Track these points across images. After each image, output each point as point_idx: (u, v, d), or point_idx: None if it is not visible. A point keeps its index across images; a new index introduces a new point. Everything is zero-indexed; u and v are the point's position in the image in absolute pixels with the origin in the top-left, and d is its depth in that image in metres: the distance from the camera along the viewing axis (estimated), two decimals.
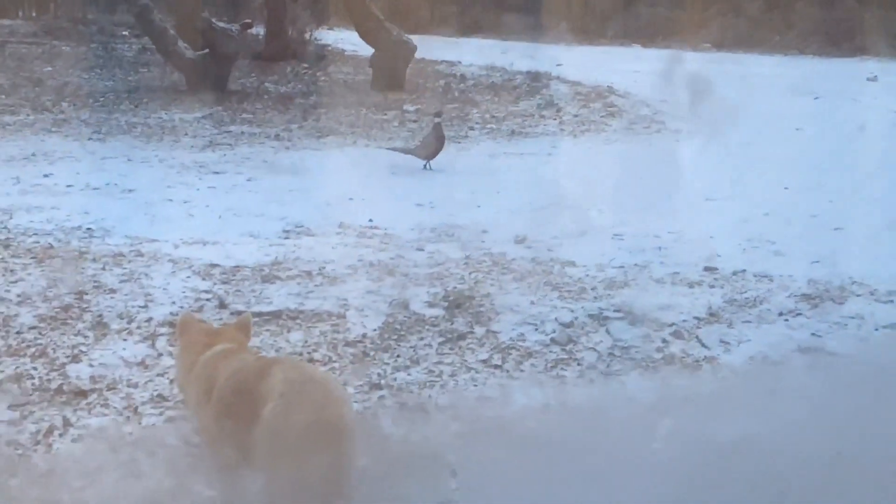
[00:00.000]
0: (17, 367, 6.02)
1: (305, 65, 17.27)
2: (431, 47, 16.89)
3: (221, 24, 14.70)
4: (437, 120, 10.90)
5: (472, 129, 12.92)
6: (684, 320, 6.90)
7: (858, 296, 7.38)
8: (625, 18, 29.46)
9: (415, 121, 13.17)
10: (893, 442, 5.54)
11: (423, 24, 23.38)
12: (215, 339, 4.42)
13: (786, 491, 5.12)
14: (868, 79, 18.64)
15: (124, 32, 19.93)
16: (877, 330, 6.84)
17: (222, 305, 6.90)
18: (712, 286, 7.50)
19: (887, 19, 24.43)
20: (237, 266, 7.63)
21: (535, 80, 15.83)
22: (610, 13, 29.54)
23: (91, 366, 6.09)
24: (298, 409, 3.91)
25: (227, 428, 4.16)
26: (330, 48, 18.52)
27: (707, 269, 7.83)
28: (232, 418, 4.13)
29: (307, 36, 18.82)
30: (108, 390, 5.86)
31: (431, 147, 10.78)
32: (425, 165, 10.78)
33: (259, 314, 6.77)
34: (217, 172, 10.43)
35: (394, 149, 11.13)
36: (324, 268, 7.67)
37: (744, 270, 7.80)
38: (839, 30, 25.05)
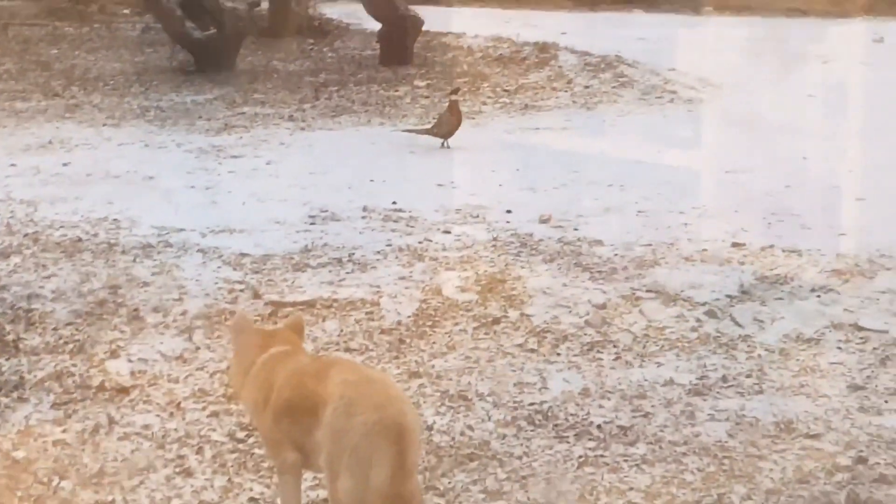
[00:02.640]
0: (57, 365, 6.06)
1: (311, 40, 17.18)
2: (432, 18, 16.75)
3: (230, 4, 14.64)
4: (453, 97, 10.85)
5: (484, 104, 12.87)
6: (717, 299, 6.92)
7: (888, 269, 7.39)
8: None
9: (426, 97, 13.12)
10: None
11: None
12: (270, 341, 4.43)
13: (833, 471, 5.16)
14: (874, 40, 18.47)
15: (125, 11, 19.83)
16: None
17: (256, 296, 6.93)
18: (742, 263, 7.51)
19: None
20: (267, 254, 7.65)
21: (543, 51, 15.71)
22: None
23: (130, 361, 6.14)
24: (359, 409, 3.93)
25: (286, 431, 4.18)
26: (334, 22, 18.37)
27: (735, 244, 7.83)
28: (292, 421, 4.16)
29: (311, 10, 18.72)
30: (149, 386, 5.91)
31: (449, 125, 10.74)
32: (443, 144, 10.76)
33: (293, 303, 6.80)
34: (235, 156, 10.41)
35: (410, 130, 11.09)
36: (353, 253, 7.69)
37: (772, 245, 7.80)
38: None
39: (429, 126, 11.09)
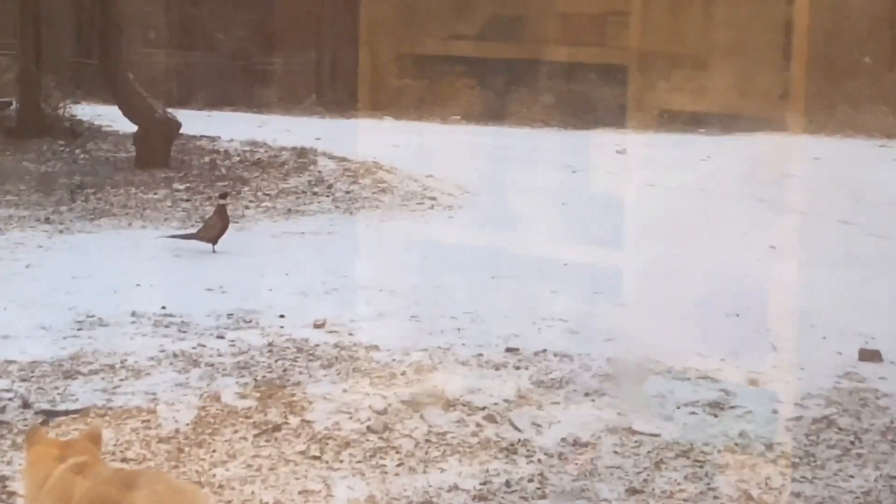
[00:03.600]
0: None
1: (62, 142, 16.82)
2: (185, 121, 16.63)
3: None
4: (221, 202, 10.79)
5: (247, 207, 12.83)
6: (495, 403, 7.00)
7: (657, 374, 7.63)
8: (374, 89, 29.78)
9: (187, 200, 12.99)
10: None
11: (170, 98, 22.99)
12: (66, 452, 4.26)
13: None
14: (617, 151, 19.27)
15: None
16: (678, 408, 7.08)
17: (26, 405, 6.65)
18: (517, 367, 7.64)
19: (621, 94, 25.46)
20: (34, 361, 7.36)
21: (301, 156, 15.81)
22: (357, 85, 29.80)
23: None
24: None
25: None
26: (85, 124, 18.04)
27: (509, 349, 7.97)
28: None
29: (61, 111, 18.33)
30: None
31: (216, 230, 10.64)
32: (212, 248, 10.64)
33: (66, 412, 6.56)
34: None
35: (176, 236, 10.93)
36: (125, 360, 7.48)
37: (544, 350, 7.97)
38: (579, 102, 25.98)
39: (194, 230, 10.97)
